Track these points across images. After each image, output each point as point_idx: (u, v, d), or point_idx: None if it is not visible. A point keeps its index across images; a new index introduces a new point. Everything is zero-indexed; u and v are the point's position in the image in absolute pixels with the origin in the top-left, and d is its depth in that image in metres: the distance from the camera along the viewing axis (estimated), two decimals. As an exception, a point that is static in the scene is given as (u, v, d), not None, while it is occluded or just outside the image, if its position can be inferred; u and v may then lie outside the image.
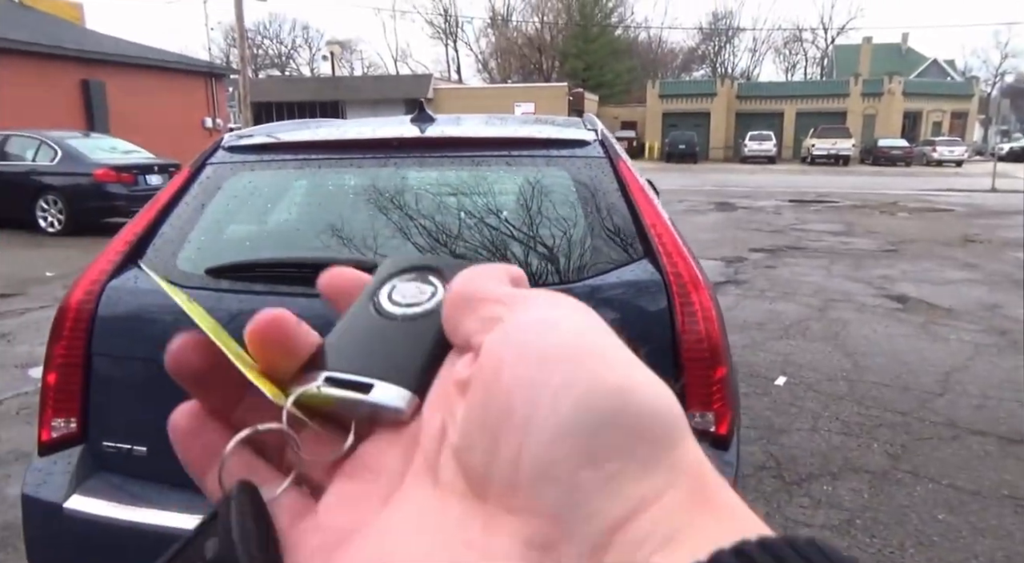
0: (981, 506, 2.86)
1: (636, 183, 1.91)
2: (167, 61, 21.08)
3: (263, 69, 61.51)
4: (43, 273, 7.51)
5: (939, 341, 5.11)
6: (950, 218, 13.04)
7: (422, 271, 0.34)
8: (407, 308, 0.32)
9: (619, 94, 51.51)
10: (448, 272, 0.32)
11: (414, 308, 0.32)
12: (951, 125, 41.16)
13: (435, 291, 0.32)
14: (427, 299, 0.32)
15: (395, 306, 0.32)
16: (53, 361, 1.66)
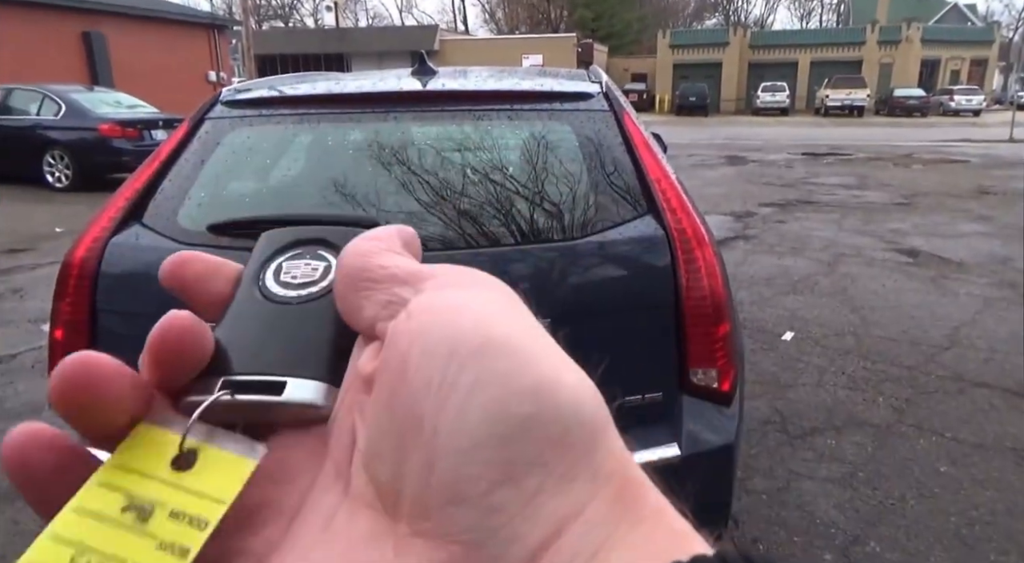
0: (983, 458, 2.88)
1: (641, 137, 1.88)
2: (169, 12, 20.72)
3: (266, 20, 60.37)
4: (52, 229, 7.54)
5: (948, 295, 5.08)
6: (965, 170, 12.81)
7: (308, 245, 0.30)
8: (300, 289, 0.28)
9: (629, 45, 50.37)
10: (338, 242, 0.29)
11: (308, 288, 0.29)
12: (970, 73, 40.13)
13: (328, 265, 0.29)
14: (321, 276, 0.29)
15: (286, 288, 0.29)
16: (59, 317, 1.68)
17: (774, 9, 67.91)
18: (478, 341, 0.21)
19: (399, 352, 0.22)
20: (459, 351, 0.21)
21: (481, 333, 0.21)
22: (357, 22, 61.00)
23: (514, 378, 0.21)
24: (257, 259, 0.30)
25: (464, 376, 0.21)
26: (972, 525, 2.46)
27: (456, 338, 0.21)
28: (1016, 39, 53.73)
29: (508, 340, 0.22)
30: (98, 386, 0.23)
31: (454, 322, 0.22)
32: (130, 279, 1.67)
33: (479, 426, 0.20)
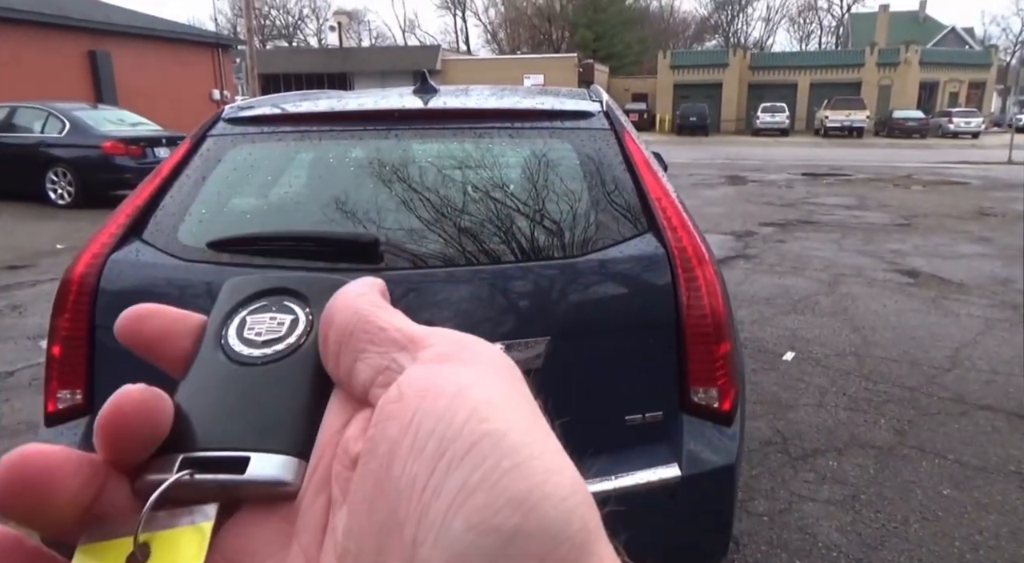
0: (987, 481, 2.85)
1: (641, 155, 1.88)
2: (174, 31, 20.94)
3: (270, 40, 61.02)
4: (54, 245, 7.55)
5: (949, 316, 5.07)
6: (964, 191, 12.85)
7: (273, 295, 0.28)
8: (265, 347, 0.26)
9: (630, 65, 50.83)
10: (305, 292, 0.28)
11: (274, 345, 0.26)
12: (968, 96, 40.40)
13: (296, 319, 0.27)
14: (287, 332, 0.27)
15: (249, 346, 0.27)
16: (57, 333, 1.67)
17: (773, 31, 68.66)
18: (470, 440, 0.20)
19: (388, 440, 0.21)
20: (448, 451, 0.20)
21: (473, 430, 0.20)
22: (360, 42, 61.66)
23: (502, 485, 0.19)
24: (219, 313, 0.28)
25: (450, 480, 0.19)
26: (976, 550, 2.43)
27: (447, 435, 0.20)
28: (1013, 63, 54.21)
29: (502, 438, 0.20)
30: (37, 486, 0.21)
31: (447, 414, 0.21)
32: (130, 295, 1.67)
33: (461, 539, 0.19)
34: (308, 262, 1.66)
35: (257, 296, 0.28)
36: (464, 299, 1.66)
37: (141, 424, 0.23)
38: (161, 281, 1.66)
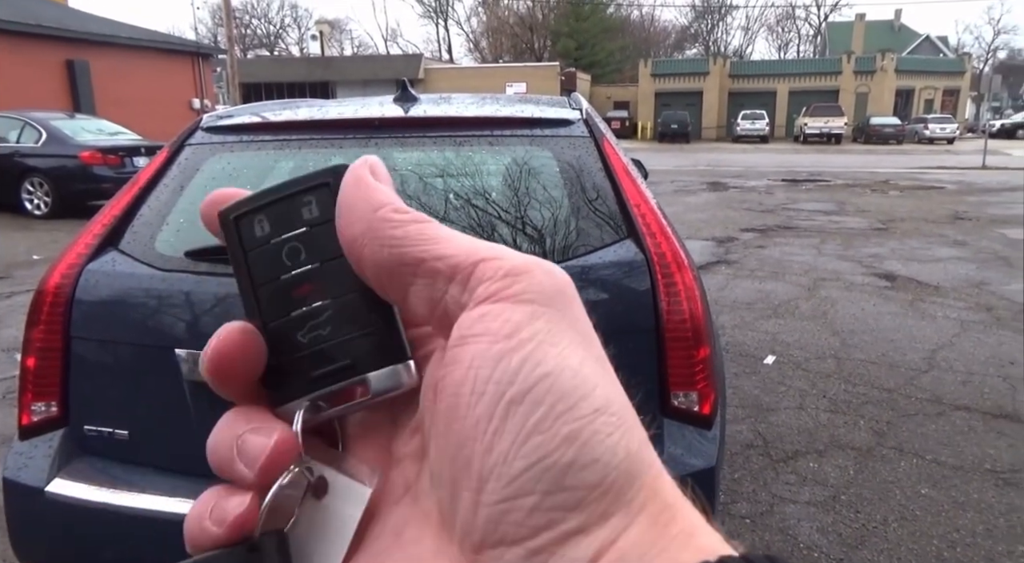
0: (963, 480, 2.89)
1: (620, 163, 1.90)
2: (153, 41, 20.78)
3: (251, 49, 60.75)
4: (30, 256, 7.45)
5: (926, 318, 5.14)
6: (940, 196, 13.06)
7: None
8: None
9: (611, 73, 51.18)
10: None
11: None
12: (943, 102, 41.15)
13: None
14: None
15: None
16: (32, 345, 1.65)
17: (752, 40, 69.54)
18: (525, 385, 0.22)
19: (453, 383, 0.23)
20: (507, 394, 0.22)
21: (527, 376, 0.22)
22: (342, 51, 61.56)
23: (557, 426, 0.22)
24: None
25: (510, 423, 0.22)
26: (954, 547, 2.47)
27: (503, 380, 0.22)
28: (986, 70, 55.29)
29: (555, 381, 0.22)
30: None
31: (502, 360, 0.22)
32: (106, 305, 1.65)
33: (522, 475, 0.21)
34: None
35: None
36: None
37: (243, 358, 0.26)
38: (138, 291, 1.64)
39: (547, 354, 0.22)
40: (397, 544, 0.25)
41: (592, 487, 0.21)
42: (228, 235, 0.28)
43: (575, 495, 0.21)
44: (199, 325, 1.61)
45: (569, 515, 0.21)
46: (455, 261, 0.24)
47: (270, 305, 0.27)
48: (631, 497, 0.22)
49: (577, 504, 0.21)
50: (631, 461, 0.22)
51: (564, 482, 0.21)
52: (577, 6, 52.02)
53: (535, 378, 0.22)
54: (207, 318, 1.62)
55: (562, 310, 0.24)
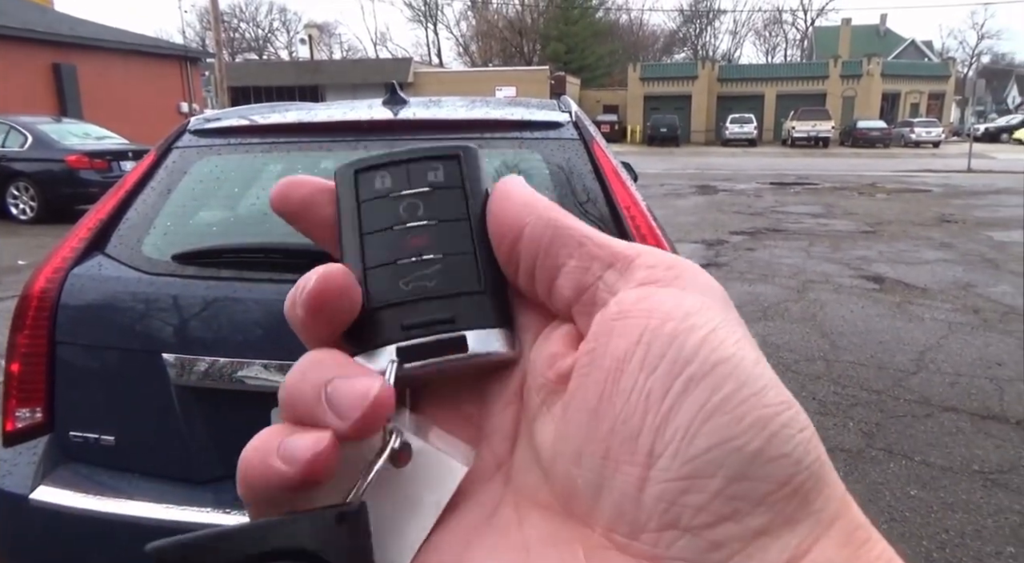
0: (952, 481, 2.91)
1: (610, 165, 1.90)
2: (141, 45, 20.67)
3: (240, 53, 60.56)
4: (15, 261, 7.37)
5: (914, 320, 5.18)
6: (927, 199, 13.19)
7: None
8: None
9: (601, 77, 51.39)
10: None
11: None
12: (929, 106, 41.57)
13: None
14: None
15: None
16: (16, 350, 1.63)
17: (740, 44, 70.06)
18: (707, 364, 0.20)
19: (613, 355, 0.22)
20: (685, 372, 0.20)
21: (709, 355, 0.20)
22: (331, 55, 61.49)
23: (743, 410, 0.20)
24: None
25: (690, 399, 0.20)
26: (943, 548, 2.48)
27: (680, 357, 0.20)
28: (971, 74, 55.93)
29: (736, 366, 0.20)
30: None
31: (679, 337, 0.21)
32: (91, 310, 1.64)
33: (705, 455, 0.19)
34: (275, 273, 1.64)
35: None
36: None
37: (342, 297, 0.24)
38: (125, 295, 1.63)
39: (724, 340, 0.21)
40: (489, 525, 0.23)
41: (780, 484, 0.19)
42: (343, 187, 0.27)
43: (760, 487, 0.19)
44: (186, 329, 1.60)
45: (755, 509, 0.19)
46: (616, 249, 0.24)
47: (376, 251, 0.26)
48: (820, 506, 0.20)
49: (762, 499, 0.19)
50: (822, 465, 0.20)
51: (749, 471, 0.19)
52: (566, 10, 52.20)
53: (714, 360, 0.20)
54: (194, 322, 1.60)
55: (727, 309, 0.23)
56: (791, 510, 0.19)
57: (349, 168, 0.28)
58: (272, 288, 1.60)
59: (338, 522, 0.21)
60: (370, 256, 0.26)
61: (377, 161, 0.28)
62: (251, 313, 1.60)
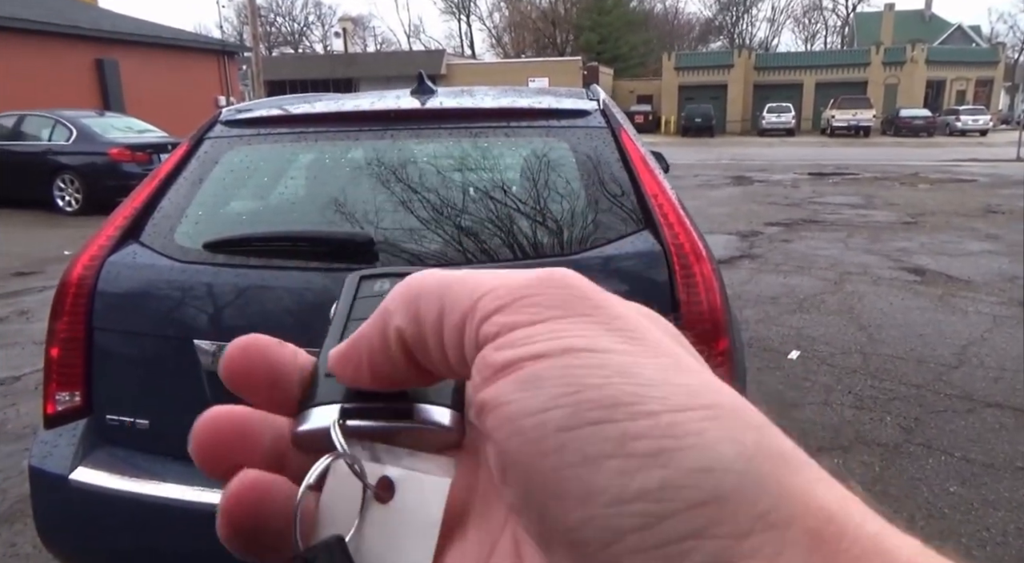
0: (993, 478, 2.82)
1: (638, 153, 1.88)
2: (180, 39, 21.10)
3: (276, 47, 61.35)
4: (61, 252, 7.60)
5: (957, 313, 5.03)
6: (972, 189, 12.78)
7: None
8: None
9: (634, 67, 50.83)
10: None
11: None
12: (976, 93, 40.20)
13: None
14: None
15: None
16: (56, 336, 1.68)
17: (778, 32, 68.55)
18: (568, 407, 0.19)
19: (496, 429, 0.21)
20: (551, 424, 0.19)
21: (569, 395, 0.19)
22: (365, 47, 61.91)
23: (628, 443, 0.18)
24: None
25: (569, 454, 0.18)
26: (983, 546, 2.41)
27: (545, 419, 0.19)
28: (1021, 60, 53.93)
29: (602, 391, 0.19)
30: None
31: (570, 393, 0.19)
32: (126, 297, 1.67)
33: (608, 510, 0.17)
34: (303, 262, 1.66)
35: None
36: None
37: (269, 361, 0.26)
38: (158, 282, 1.66)
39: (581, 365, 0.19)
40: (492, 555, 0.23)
41: (702, 504, 0.17)
42: (347, 287, 0.31)
43: (684, 519, 0.17)
44: (217, 316, 1.63)
45: (690, 546, 0.17)
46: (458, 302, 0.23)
47: (354, 332, 0.28)
48: (768, 508, 0.17)
49: (691, 529, 0.17)
50: (753, 464, 0.17)
51: (665, 506, 0.17)
52: (600, 0, 51.67)
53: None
54: (225, 309, 1.63)
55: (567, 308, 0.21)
56: (729, 525, 0.17)
57: (357, 275, 0.31)
58: (301, 276, 1.62)
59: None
60: (348, 333, 0.27)
61: (383, 271, 0.31)
62: (281, 301, 1.62)
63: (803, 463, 0.18)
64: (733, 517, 0.17)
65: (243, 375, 0.26)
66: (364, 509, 0.24)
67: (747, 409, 0.19)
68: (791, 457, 0.18)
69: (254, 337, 0.27)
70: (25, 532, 2.50)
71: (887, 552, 0.17)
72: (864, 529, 0.17)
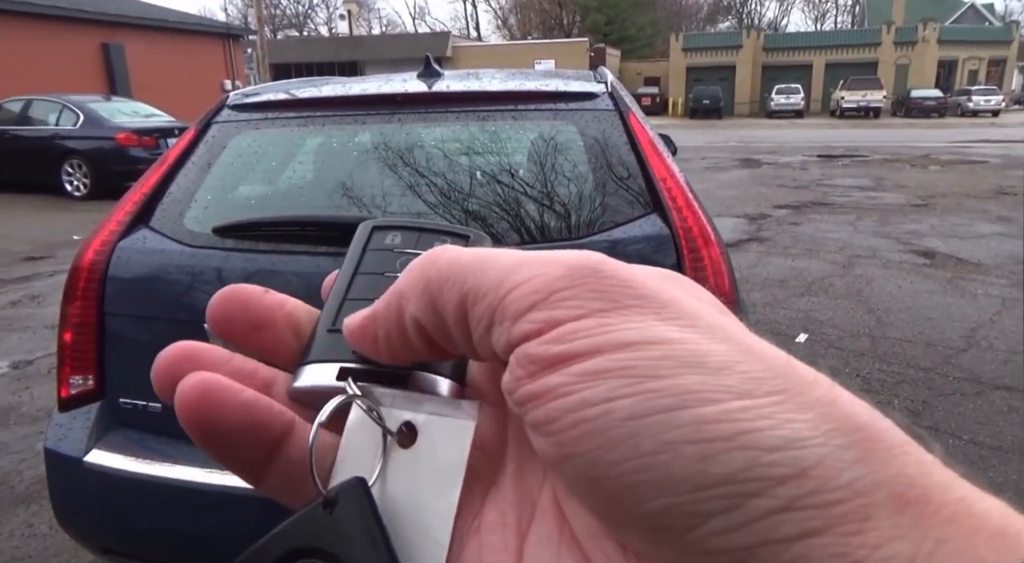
0: (1002, 461, 2.83)
1: (646, 136, 1.87)
2: (185, 23, 21.02)
3: (281, 29, 61.01)
4: (70, 236, 7.64)
5: (966, 296, 5.00)
6: (983, 170, 12.64)
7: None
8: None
9: (642, 49, 50.32)
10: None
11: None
12: (988, 73, 39.67)
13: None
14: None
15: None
16: (68, 320, 1.69)
17: (788, 12, 67.67)
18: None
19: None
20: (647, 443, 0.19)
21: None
22: (370, 30, 61.52)
23: (704, 427, 0.18)
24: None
25: (643, 442, 0.18)
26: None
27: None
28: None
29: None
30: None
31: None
32: (137, 282, 1.69)
33: (692, 495, 0.18)
34: (312, 246, 1.67)
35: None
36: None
37: (248, 309, 0.27)
38: (168, 267, 1.67)
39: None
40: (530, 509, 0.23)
41: (784, 481, 0.17)
42: (359, 236, 0.30)
43: (771, 502, 0.17)
44: (227, 301, 1.64)
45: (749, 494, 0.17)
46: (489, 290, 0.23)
47: (361, 287, 0.28)
48: (849, 479, 0.17)
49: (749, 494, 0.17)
50: (826, 434, 0.18)
51: (750, 493, 0.17)
52: (607, -20, 51.07)
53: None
54: (235, 294, 1.64)
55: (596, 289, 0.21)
56: (788, 517, 0.17)
57: (369, 224, 0.30)
58: (309, 260, 1.63)
59: (325, 508, 0.22)
60: (354, 289, 0.28)
61: (395, 223, 0.30)
62: (289, 285, 1.62)
63: (881, 430, 0.19)
64: (819, 488, 0.17)
65: (223, 319, 0.27)
66: (386, 453, 0.24)
67: (814, 386, 0.19)
68: (868, 426, 0.19)
69: (237, 286, 0.28)
70: (41, 513, 2.54)
71: (976, 515, 0.17)
72: (951, 493, 0.18)
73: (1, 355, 4.16)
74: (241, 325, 0.27)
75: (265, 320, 0.27)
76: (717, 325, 0.21)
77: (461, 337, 0.23)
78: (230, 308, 0.27)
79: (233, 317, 0.27)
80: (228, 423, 0.23)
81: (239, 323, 0.27)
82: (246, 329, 0.27)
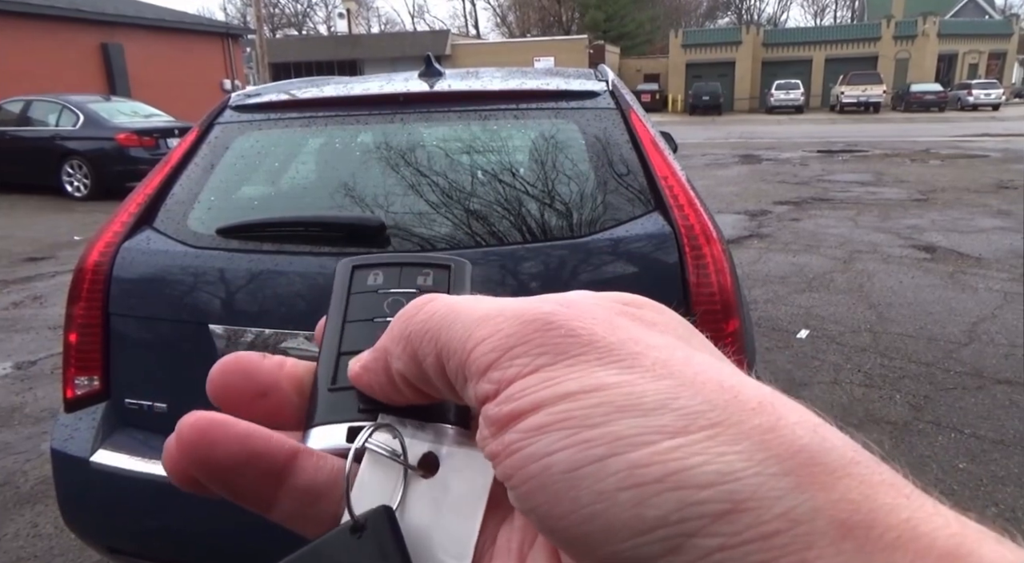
0: (1003, 454, 2.83)
1: (648, 134, 1.87)
2: (184, 22, 20.99)
3: (280, 28, 60.94)
4: (71, 237, 7.65)
5: (967, 291, 5.01)
6: (984, 164, 12.63)
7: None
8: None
9: (641, 45, 50.24)
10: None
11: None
12: (988, 67, 39.57)
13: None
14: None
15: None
16: (73, 321, 1.70)
17: (787, 7, 67.56)
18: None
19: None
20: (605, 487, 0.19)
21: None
22: (369, 28, 61.45)
23: (636, 472, 0.18)
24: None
25: (581, 494, 0.19)
26: (992, 521, 2.41)
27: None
28: (1035, 32, 52.86)
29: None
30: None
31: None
32: (141, 283, 1.69)
33: (632, 542, 0.18)
34: (315, 247, 1.67)
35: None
36: (472, 281, 1.67)
37: (248, 374, 0.27)
38: (172, 268, 1.68)
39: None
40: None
41: (719, 517, 0.17)
42: (340, 279, 0.30)
43: (710, 540, 0.17)
44: (232, 301, 1.64)
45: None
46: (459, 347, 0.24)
47: (353, 338, 0.28)
48: (786, 508, 0.17)
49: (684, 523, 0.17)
50: (759, 465, 0.17)
51: (687, 533, 0.17)
52: (606, -24, 50.93)
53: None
54: (239, 294, 1.65)
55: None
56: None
57: (348, 264, 0.30)
58: (313, 261, 1.64)
59: (353, 531, 0.23)
60: (347, 341, 0.28)
61: (375, 261, 0.30)
62: (294, 285, 1.63)
63: (822, 453, 0.18)
64: (756, 520, 0.17)
65: (225, 391, 0.27)
66: (407, 482, 0.25)
67: (755, 413, 0.19)
68: (807, 450, 0.18)
69: (233, 355, 0.28)
70: (46, 513, 2.55)
71: (921, 537, 0.17)
72: (896, 515, 0.17)
73: (4, 356, 4.17)
74: (246, 395, 0.27)
75: (270, 385, 0.27)
76: (659, 362, 0.20)
77: (446, 388, 0.23)
78: (231, 379, 0.27)
79: (236, 387, 0.27)
80: (226, 458, 0.24)
81: (243, 393, 0.27)
82: (252, 398, 0.27)
